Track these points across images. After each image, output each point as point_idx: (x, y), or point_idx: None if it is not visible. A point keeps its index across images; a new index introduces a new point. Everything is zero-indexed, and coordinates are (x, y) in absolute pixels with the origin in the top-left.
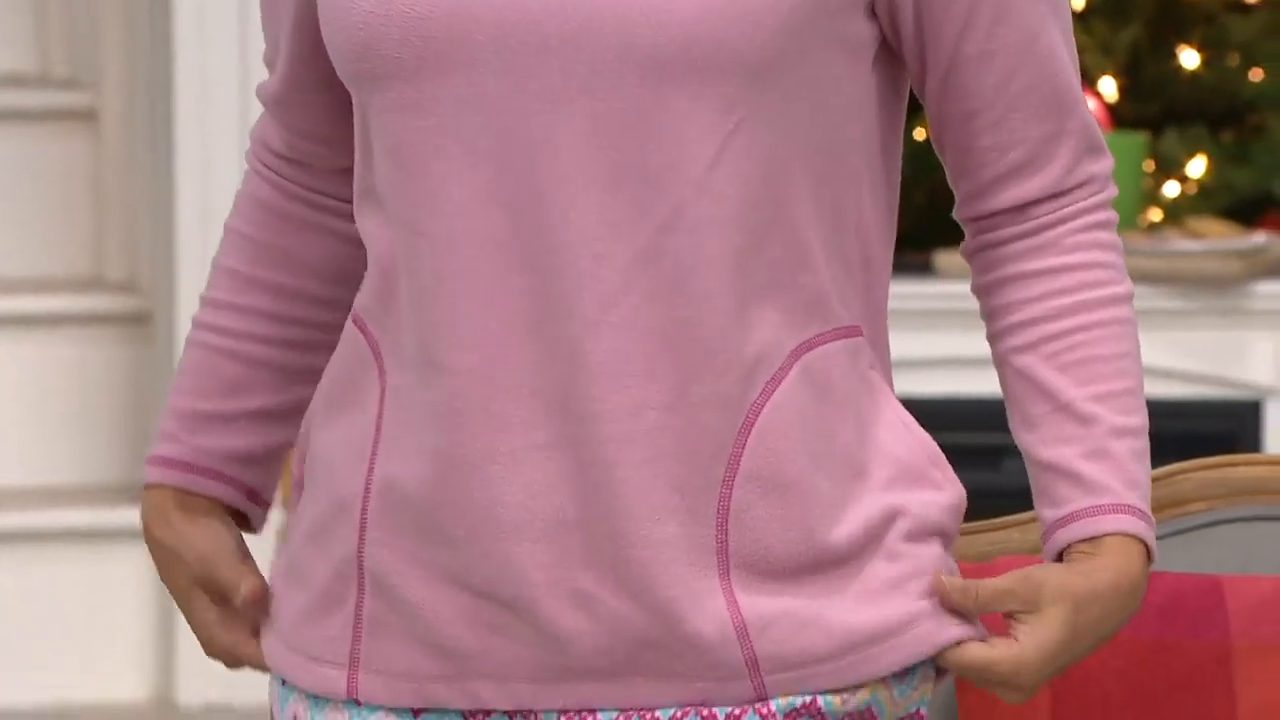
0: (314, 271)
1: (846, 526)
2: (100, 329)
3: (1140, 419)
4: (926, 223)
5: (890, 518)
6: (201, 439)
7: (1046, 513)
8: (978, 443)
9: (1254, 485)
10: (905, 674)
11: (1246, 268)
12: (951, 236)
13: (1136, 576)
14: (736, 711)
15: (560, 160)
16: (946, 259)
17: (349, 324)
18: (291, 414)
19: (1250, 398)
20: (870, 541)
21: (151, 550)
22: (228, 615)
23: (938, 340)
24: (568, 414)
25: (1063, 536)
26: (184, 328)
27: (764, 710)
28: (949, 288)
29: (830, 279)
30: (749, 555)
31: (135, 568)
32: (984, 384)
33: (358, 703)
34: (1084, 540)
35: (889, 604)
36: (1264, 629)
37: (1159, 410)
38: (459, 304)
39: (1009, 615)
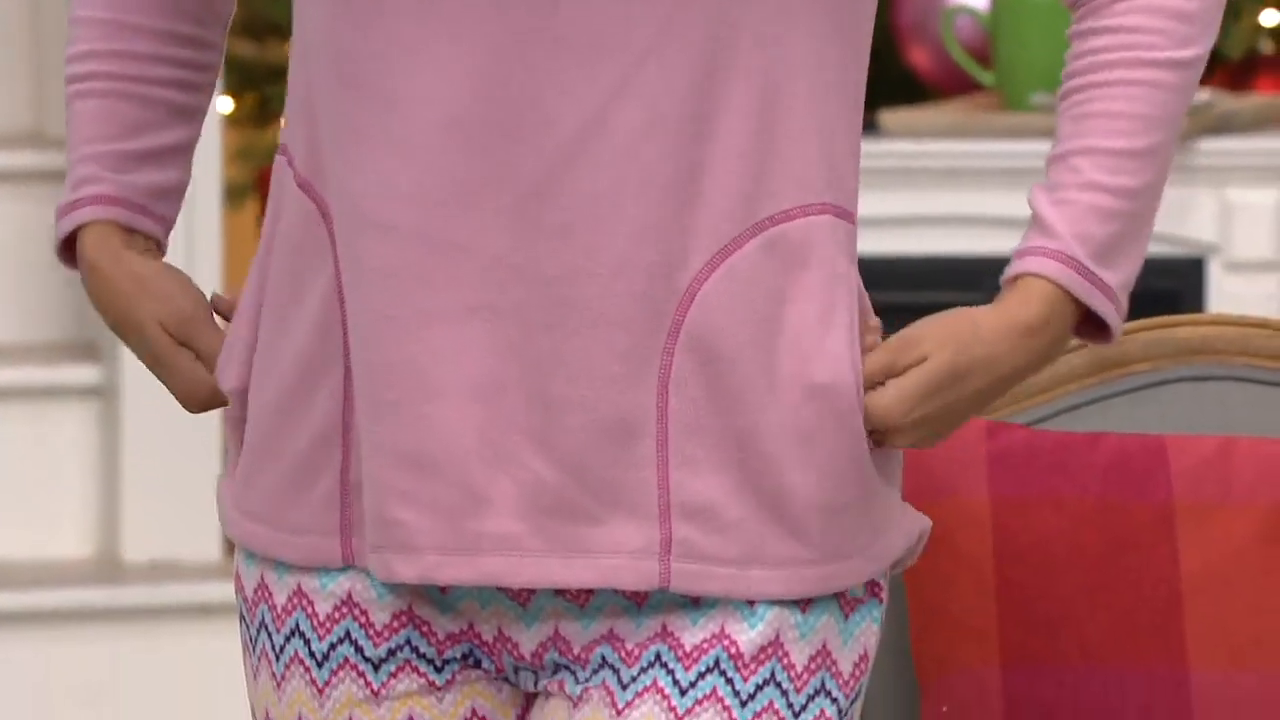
0: (179, 12)
1: (775, 414)
2: (41, 187)
3: (1132, 181)
4: (870, 80)
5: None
6: (129, 176)
7: None
8: (927, 301)
9: (1198, 345)
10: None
11: (1190, 125)
12: (897, 94)
13: (1033, 320)
14: (643, 592)
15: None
16: (892, 118)
17: (293, 184)
18: (185, 151)
19: (1193, 255)
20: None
21: (100, 288)
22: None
23: (885, 199)
24: (508, 277)
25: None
26: None
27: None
28: (895, 146)
29: (795, 155)
30: (686, 428)
31: (80, 425)
32: (932, 243)
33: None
34: (1009, 279)
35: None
36: (1207, 489)
37: None
38: (393, 162)
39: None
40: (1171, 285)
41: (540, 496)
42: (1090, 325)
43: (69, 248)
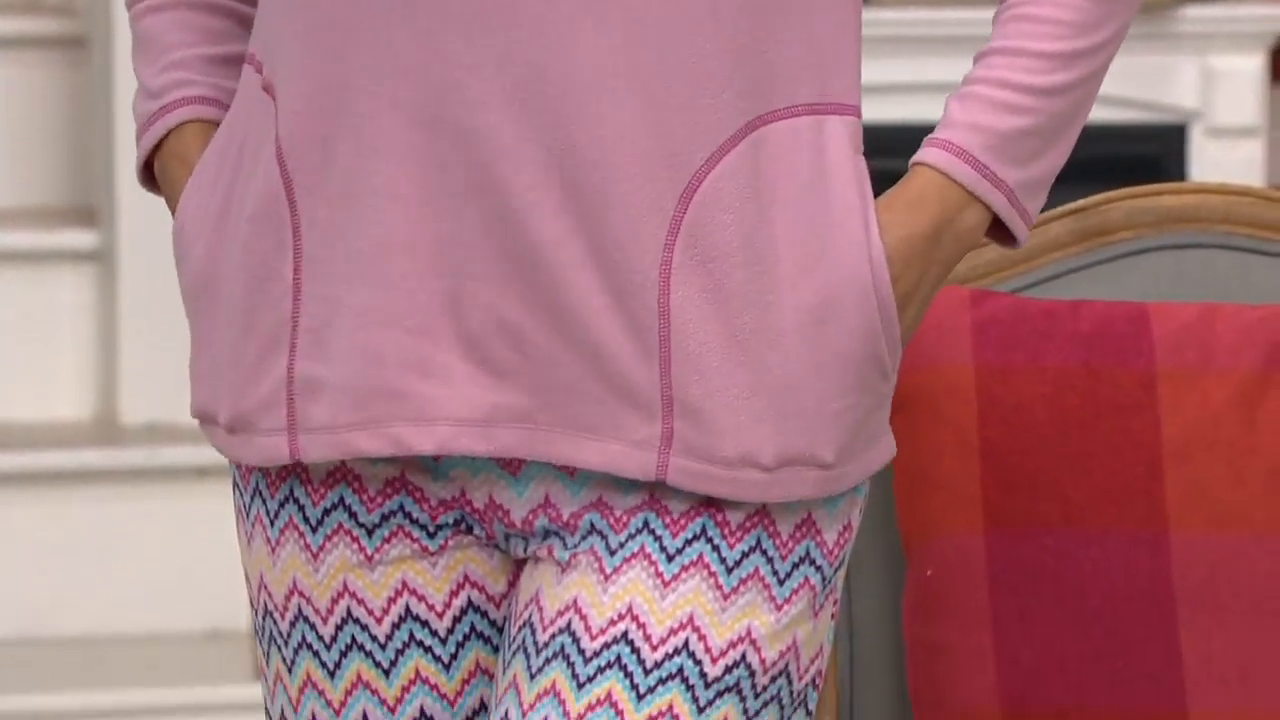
0: None
1: (775, 315)
2: (36, 53)
3: (1044, 81)
4: None
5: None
6: (215, 79)
7: None
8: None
9: (1180, 214)
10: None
11: None
12: None
13: (927, 229)
14: (639, 479)
15: None
16: None
17: (251, 73)
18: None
19: (1175, 121)
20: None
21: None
22: None
23: (876, 67)
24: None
25: None
26: (121, 50)
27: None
28: (884, 14)
29: (789, 54)
30: (687, 326)
31: (77, 290)
32: (922, 109)
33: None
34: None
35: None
36: (1188, 355)
37: (1083, 135)
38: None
39: None
40: (1153, 151)
41: (553, 375)
42: (1003, 228)
43: (148, 168)
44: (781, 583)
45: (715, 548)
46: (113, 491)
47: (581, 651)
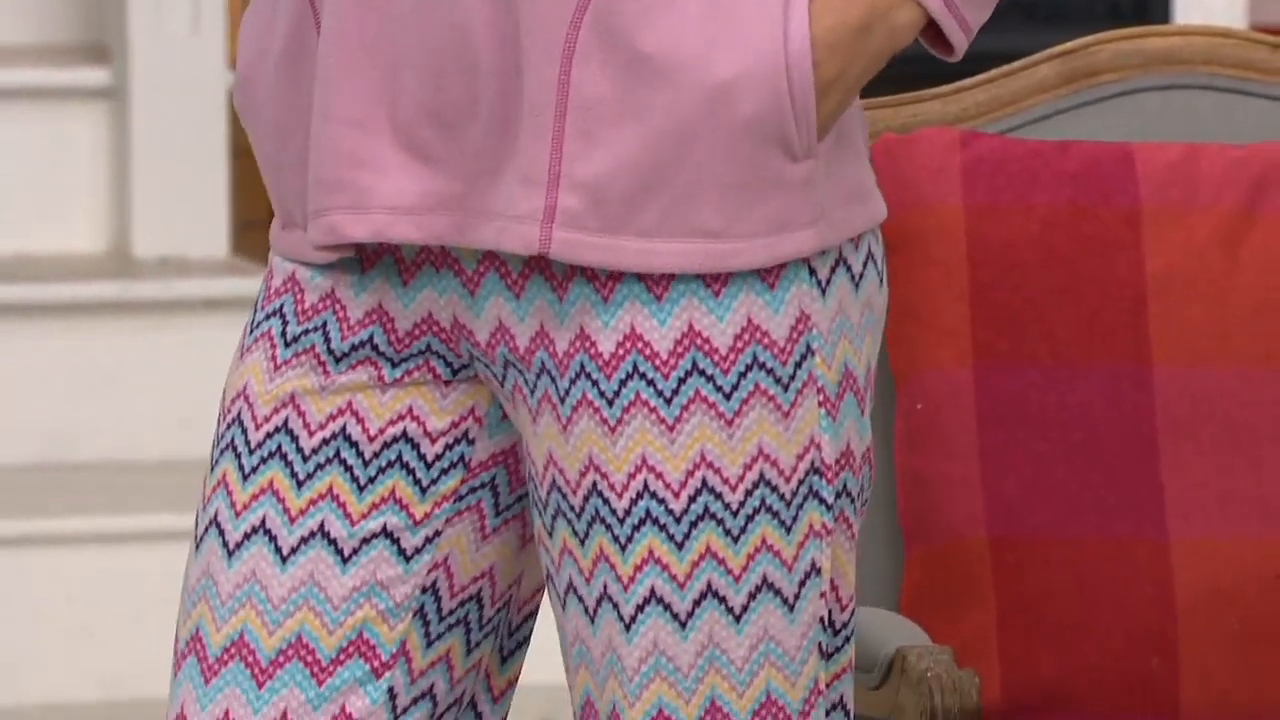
0: None
1: (675, 94)
2: None
3: None
4: None
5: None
6: None
7: None
8: None
9: (1165, 56)
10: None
11: None
12: None
13: (856, 21)
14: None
15: None
16: None
17: None
18: None
19: None
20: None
21: None
22: None
23: None
24: None
25: None
26: None
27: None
28: None
29: None
30: (585, 103)
31: (91, 126)
32: None
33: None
34: None
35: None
36: (1172, 194)
37: None
38: None
39: None
40: None
41: (476, 160)
42: (940, 37)
43: None
44: (729, 396)
45: (650, 382)
46: (126, 323)
47: (574, 509)
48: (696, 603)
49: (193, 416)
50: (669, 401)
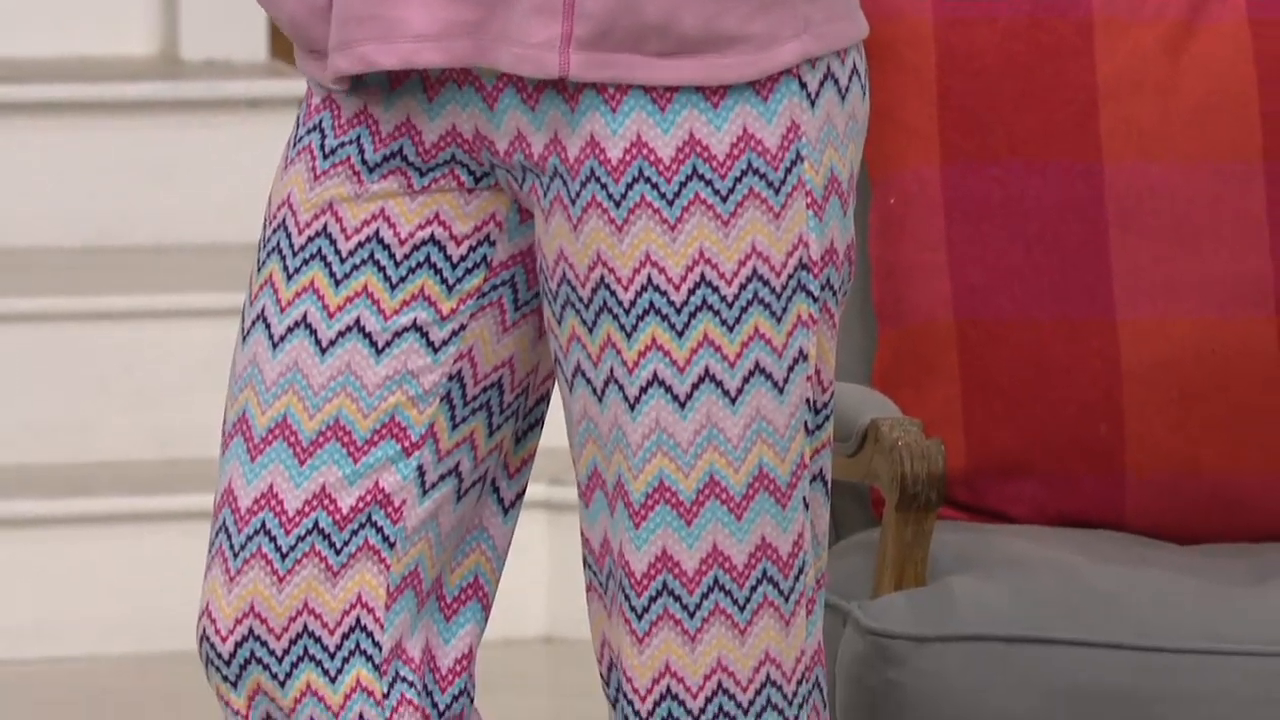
0: None
1: None
2: None
3: None
4: None
5: None
6: None
7: None
8: None
9: None
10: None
11: None
12: None
13: None
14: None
15: None
16: None
17: None
18: None
19: None
20: None
21: None
22: None
23: None
24: None
25: None
26: None
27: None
28: None
29: None
30: None
31: None
32: None
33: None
34: None
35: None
36: (1120, 5)
37: None
38: None
39: None
40: None
41: None
42: None
43: None
44: (725, 199)
45: (654, 185)
46: (174, 120)
47: (582, 300)
48: (695, 386)
49: (234, 205)
50: (671, 203)
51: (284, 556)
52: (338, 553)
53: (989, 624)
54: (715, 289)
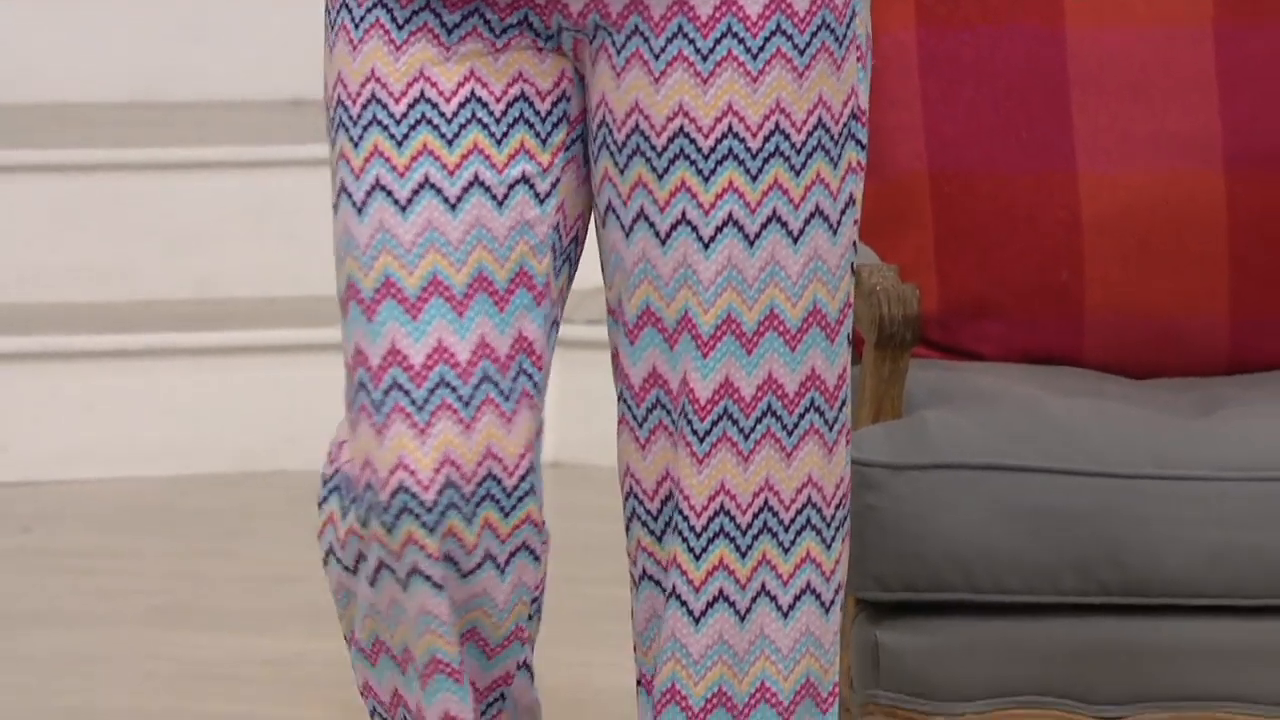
0: None
1: None
2: None
3: None
4: None
5: None
6: None
7: None
8: None
9: None
10: None
11: None
12: None
13: None
14: None
15: None
16: None
17: None
18: None
19: None
20: None
21: None
22: None
23: None
24: None
25: None
26: None
27: None
28: None
29: None
30: None
31: None
32: None
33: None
34: None
35: None
36: None
37: None
38: None
39: None
40: None
41: None
42: None
43: None
44: (802, 53)
45: (741, 40)
46: None
47: (654, 149)
48: (764, 225)
49: (266, 64)
50: (755, 57)
51: (466, 404)
52: (506, 398)
53: (960, 453)
54: (787, 136)
